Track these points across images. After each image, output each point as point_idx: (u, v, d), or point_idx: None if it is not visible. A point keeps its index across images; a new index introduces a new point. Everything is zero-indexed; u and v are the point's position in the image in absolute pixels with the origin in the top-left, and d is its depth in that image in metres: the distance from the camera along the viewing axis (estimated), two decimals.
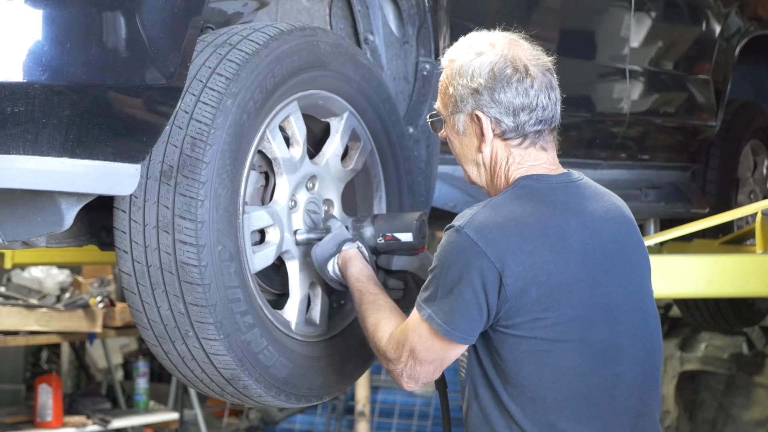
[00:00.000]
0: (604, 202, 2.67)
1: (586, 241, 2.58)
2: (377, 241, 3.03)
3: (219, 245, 2.70)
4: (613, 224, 2.65)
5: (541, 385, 2.55)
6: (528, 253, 2.51)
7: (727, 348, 7.23)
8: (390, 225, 3.04)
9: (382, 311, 2.77)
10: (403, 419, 8.21)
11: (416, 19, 3.43)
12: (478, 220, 2.54)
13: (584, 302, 2.55)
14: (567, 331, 2.54)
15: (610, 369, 2.58)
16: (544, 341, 2.54)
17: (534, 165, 2.66)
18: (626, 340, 2.61)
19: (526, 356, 2.54)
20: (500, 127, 2.65)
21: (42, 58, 2.36)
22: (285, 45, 2.88)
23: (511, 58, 2.63)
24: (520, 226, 2.53)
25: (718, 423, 7.23)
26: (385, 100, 3.25)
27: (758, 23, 5.60)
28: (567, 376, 2.55)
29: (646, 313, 2.66)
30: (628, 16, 4.61)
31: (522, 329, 2.54)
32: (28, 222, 2.55)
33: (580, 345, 2.55)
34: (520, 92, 2.62)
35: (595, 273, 2.57)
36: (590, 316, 2.56)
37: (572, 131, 4.47)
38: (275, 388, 2.88)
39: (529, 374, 2.55)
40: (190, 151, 2.67)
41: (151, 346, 2.85)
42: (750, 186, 5.76)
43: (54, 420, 6.36)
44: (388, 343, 2.68)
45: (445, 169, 3.70)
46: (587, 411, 2.57)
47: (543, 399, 2.55)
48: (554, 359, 2.54)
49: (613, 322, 2.59)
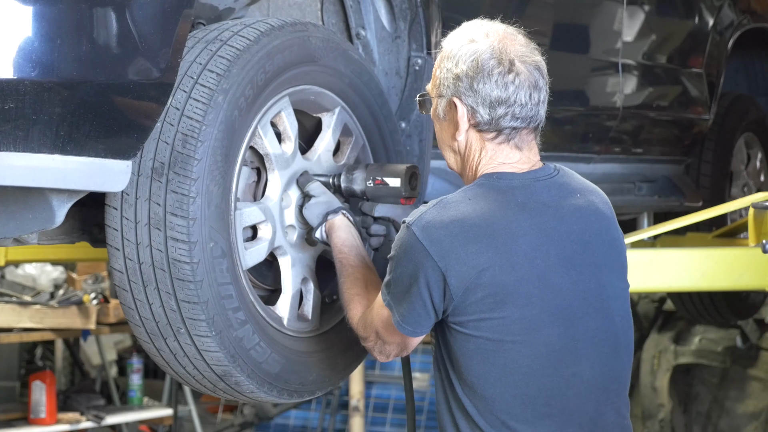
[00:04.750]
0: (576, 199, 2.64)
1: (539, 243, 2.55)
2: (366, 184, 3.06)
3: (211, 242, 2.70)
4: (580, 222, 2.61)
5: (489, 384, 2.54)
6: (472, 254, 2.51)
7: (721, 341, 7.23)
8: (381, 170, 3.07)
9: (358, 286, 2.84)
10: (397, 414, 8.22)
11: (408, 13, 3.43)
12: (426, 219, 2.55)
13: (533, 303, 2.53)
14: (512, 331, 2.52)
15: (562, 370, 2.55)
16: (489, 341, 2.53)
17: (504, 163, 2.64)
18: (584, 342, 2.58)
19: (473, 354, 2.55)
20: (475, 117, 2.63)
21: (32, 55, 2.35)
22: (276, 41, 2.87)
23: (499, 50, 2.61)
24: (466, 227, 2.53)
25: (713, 416, 7.25)
26: (377, 94, 3.25)
27: (751, 16, 5.60)
28: (513, 376, 2.53)
29: (611, 312, 2.62)
30: (621, 10, 4.61)
31: (468, 327, 2.54)
32: (19, 219, 2.55)
33: (526, 346, 2.53)
34: (500, 85, 2.60)
35: (548, 274, 2.55)
36: (538, 317, 2.53)
37: (565, 125, 4.47)
38: (268, 384, 2.88)
39: (477, 372, 2.55)
40: (182, 148, 2.67)
41: (144, 343, 2.85)
42: (743, 179, 5.76)
43: (48, 417, 6.36)
44: (359, 321, 2.79)
45: (437, 164, 3.69)
46: (538, 411, 2.55)
47: (491, 398, 2.54)
48: (500, 359, 2.53)
49: (567, 323, 2.56)
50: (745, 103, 5.80)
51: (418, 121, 3.42)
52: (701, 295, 5.92)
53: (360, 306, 2.81)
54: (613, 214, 2.71)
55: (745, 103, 5.80)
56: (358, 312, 2.80)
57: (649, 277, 4.17)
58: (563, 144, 4.49)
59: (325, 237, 3.00)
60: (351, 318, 2.82)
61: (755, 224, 4.32)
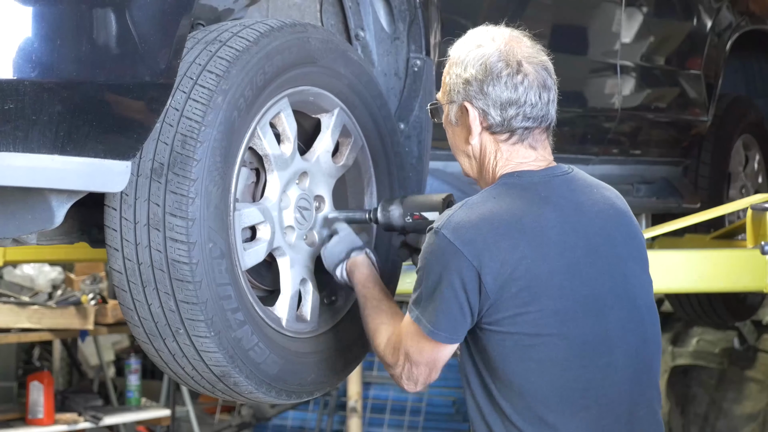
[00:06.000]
0: (592, 194, 2.68)
1: (566, 235, 2.58)
2: (405, 220, 3.08)
3: (210, 242, 2.70)
4: (600, 216, 2.65)
5: (527, 380, 2.56)
6: (504, 250, 2.53)
7: (718, 342, 7.24)
8: (418, 204, 3.09)
9: (383, 316, 2.82)
10: (395, 415, 8.21)
11: (407, 15, 3.43)
12: (455, 221, 2.57)
13: (565, 295, 2.56)
14: (548, 324, 2.55)
15: (597, 361, 2.59)
16: (526, 336, 2.55)
17: (521, 162, 2.67)
18: (615, 332, 2.61)
19: (511, 352, 2.56)
20: (487, 120, 2.67)
21: (32, 55, 2.35)
22: (275, 42, 2.88)
23: (506, 52, 2.65)
24: (495, 224, 2.55)
25: (710, 417, 7.25)
26: (376, 96, 3.25)
27: (750, 18, 5.60)
28: (551, 370, 2.56)
29: (637, 304, 2.66)
30: (619, 12, 4.61)
31: (504, 325, 2.55)
32: (18, 219, 2.55)
33: (562, 338, 2.56)
34: (509, 87, 2.63)
35: (577, 266, 2.58)
36: (572, 308, 2.56)
37: (564, 126, 4.47)
38: (266, 385, 2.88)
39: (515, 370, 2.56)
40: (181, 149, 2.67)
41: (142, 343, 2.85)
42: (741, 181, 5.77)
43: (45, 417, 6.36)
44: (386, 347, 2.74)
45: (436, 165, 3.70)
46: (575, 403, 2.57)
47: (530, 393, 2.56)
48: (537, 353, 2.55)
49: (598, 314, 2.59)
50: (743, 105, 5.80)
51: (417, 122, 3.42)
52: (699, 296, 5.92)
53: (386, 333, 2.78)
54: (629, 209, 2.75)
55: (743, 105, 5.80)
56: (384, 338, 2.77)
57: None
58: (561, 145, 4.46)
59: (345, 276, 3.00)
60: (377, 346, 2.79)
61: (753, 226, 4.32)
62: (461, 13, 3.71)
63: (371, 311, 2.87)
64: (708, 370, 7.25)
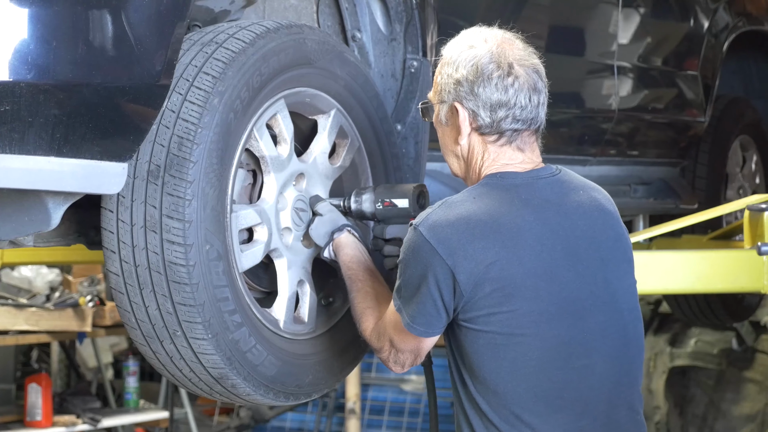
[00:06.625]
0: (578, 196, 2.68)
1: (544, 237, 2.59)
2: (376, 207, 3.08)
3: (207, 244, 2.70)
4: (584, 218, 2.65)
5: (501, 379, 2.57)
6: (479, 250, 2.54)
7: (716, 343, 7.24)
8: (389, 192, 3.09)
9: (369, 299, 2.87)
10: (393, 416, 8.21)
11: (404, 16, 3.43)
12: (432, 219, 2.59)
13: (540, 297, 2.56)
14: (521, 325, 2.56)
15: (574, 363, 2.59)
16: (499, 335, 2.56)
17: (507, 164, 2.68)
18: (594, 334, 2.61)
19: (485, 350, 2.58)
20: (477, 121, 2.67)
21: (28, 57, 2.35)
22: (272, 43, 2.88)
23: (498, 54, 2.65)
24: (472, 224, 2.56)
25: (709, 418, 7.25)
26: (373, 97, 3.25)
27: (747, 19, 5.60)
28: (524, 370, 2.57)
29: (619, 306, 2.66)
30: (616, 13, 4.61)
31: (479, 323, 2.57)
32: (14, 221, 2.54)
33: (536, 339, 2.56)
34: (500, 88, 2.64)
35: (555, 268, 2.58)
36: (547, 310, 2.57)
37: (561, 128, 4.48)
38: (264, 387, 2.88)
39: (489, 368, 2.58)
40: (177, 150, 2.67)
41: (140, 345, 2.85)
42: (739, 181, 5.77)
43: (44, 419, 6.35)
44: (372, 332, 2.80)
45: (433, 166, 3.70)
46: (551, 404, 2.58)
47: (504, 392, 2.57)
48: (511, 353, 2.56)
49: (575, 317, 2.59)
50: (740, 106, 5.80)
51: (414, 123, 3.43)
52: (697, 297, 5.92)
53: (372, 318, 2.83)
54: (616, 210, 2.75)
55: (740, 106, 5.80)
56: (370, 324, 2.83)
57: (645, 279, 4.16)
58: (559, 146, 4.49)
59: (333, 256, 3.03)
60: (364, 331, 2.84)
61: (750, 226, 4.32)
62: (458, 13, 3.71)
63: (356, 294, 2.90)
64: (706, 370, 7.25)
